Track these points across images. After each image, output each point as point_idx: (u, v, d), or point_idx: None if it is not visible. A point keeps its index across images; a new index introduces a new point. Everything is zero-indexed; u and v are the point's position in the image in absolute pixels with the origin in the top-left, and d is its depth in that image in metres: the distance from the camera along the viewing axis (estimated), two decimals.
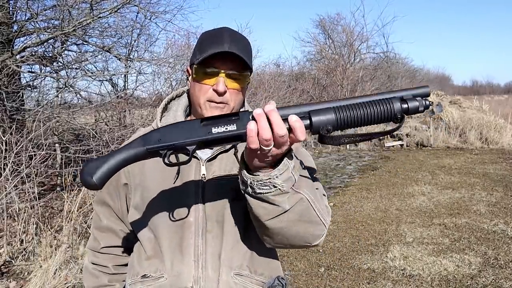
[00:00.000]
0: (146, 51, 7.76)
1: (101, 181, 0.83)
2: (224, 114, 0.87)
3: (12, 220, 4.02)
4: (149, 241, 1.10)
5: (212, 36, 1.04)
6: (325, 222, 0.99)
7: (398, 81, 21.65)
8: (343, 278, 3.58)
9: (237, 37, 1.04)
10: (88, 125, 5.97)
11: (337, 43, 17.97)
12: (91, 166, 0.83)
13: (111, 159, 0.84)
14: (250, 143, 0.79)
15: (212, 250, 1.06)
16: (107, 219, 1.22)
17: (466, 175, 7.45)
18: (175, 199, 1.07)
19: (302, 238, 0.97)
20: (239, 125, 0.82)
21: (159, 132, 0.85)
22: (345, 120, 0.81)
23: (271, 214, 0.90)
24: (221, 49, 0.99)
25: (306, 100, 13.32)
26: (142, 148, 0.84)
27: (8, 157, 4.07)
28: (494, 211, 5.28)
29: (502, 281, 3.42)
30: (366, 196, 6.25)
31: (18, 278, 3.46)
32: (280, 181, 0.84)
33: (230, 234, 1.06)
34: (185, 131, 0.84)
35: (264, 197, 0.87)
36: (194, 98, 1.07)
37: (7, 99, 4.88)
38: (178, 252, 1.06)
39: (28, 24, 5.52)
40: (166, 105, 1.18)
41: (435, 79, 36.85)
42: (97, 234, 1.24)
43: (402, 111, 0.83)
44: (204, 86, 1.04)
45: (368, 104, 0.83)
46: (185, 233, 1.06)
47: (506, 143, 10.85)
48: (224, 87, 1.02)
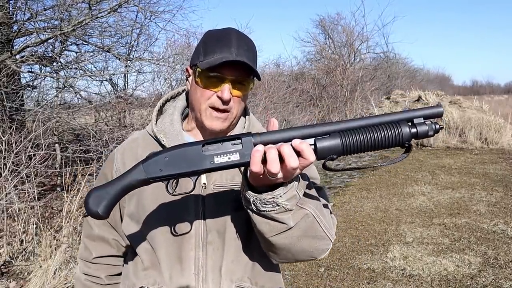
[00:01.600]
0: (146, 51, 7.76)
1: (106, 211, 0.85)
2: (224, 137, 0.83)
3: (12, 220, 4.02)
4: (146, 252, 1.06)
5: (219, 38, 0.99)
6: (331, 236, 0.97)
7: (398, 81, 21.64)
8: (343, 278, 3.58)
9: (244, 41, 1.00)
10: (88, 125, 5.97)
11: (337, 43, 17.97)
12: (94, 196, 0.85)
13: (112, 189, 0.85)
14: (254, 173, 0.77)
15: (212, 262, 1.02)
16: (98, 227, 1.16)
17: (466, 175, 7.44)
18: (174, 209, 1.03)
19: (308, 253, 0.95)
20: (242, 155, 0.80)
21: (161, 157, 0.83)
22: (351, 147, 0.78)
23: (275, 230, 0.88)
24: (229, 57, 0.94)
25: (306, 100, 13.32)
26: (144, 178, 0.84)
27: (7, 157, 4.07)
28: (494, 211, 5.28)
29: (502, 281, 3.42)
30: (366, 196, 6.25)
31: (18, 278, 3.46)
32: (284, 200, 0.82)
33: (231, 246, 1.03)
34: (187, 160, 0.82)
35: (267, 214, 0.85)
36: (195, 102, 1.02)
37: (7, 99, 4.87)
38: (177, 264, 1.02)
39: (27, 24, 5.52)
40: (161, 108, 1.14)
41: (435, 79, 36.85)
42: (88, 243, 1.19)
43: (411, 136, 0.79)
44: (207, 92, 0.99)
45: (374, 128, 0.79)
46: (185, 245, 1.02)
47: (506, 143, 10.84)
48: (229, 95, 0.97)
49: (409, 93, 16.99)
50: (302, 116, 11.63)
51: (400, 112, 0.81)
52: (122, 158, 1.10)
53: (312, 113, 12.56)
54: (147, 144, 1.09)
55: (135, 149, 1.10)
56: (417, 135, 0.79)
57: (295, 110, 11.88)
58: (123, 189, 0.85)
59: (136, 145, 1.11)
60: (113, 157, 1.13)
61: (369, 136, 0.78)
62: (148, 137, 1.11)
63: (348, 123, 0.80)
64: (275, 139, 0.79)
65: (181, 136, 1.06)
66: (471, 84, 65.74)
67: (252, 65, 0.97)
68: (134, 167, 0.85)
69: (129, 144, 1.13)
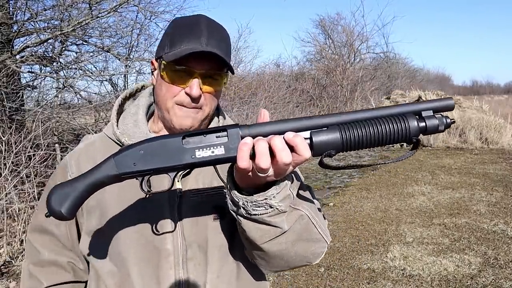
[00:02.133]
0: (146, 51, 7.76)
1: (70, 211, 0.74)
2: (209, 129, 0.73)
3: (12, 220, 4.02)
4: (112, 275, 0.91)
5: (187, 26, 0.86)
6: (326, 238, 0.89)
7: (398, 81, 21.65)
8: (343, 278, 3.58)
9: (216, 29, 0.88)
10: (88, 125, 5.97)
11: (337, 43, 17.98)
12: (58, 194, 0.74)
13: (79, 185, 0.74)
14: (241, 170, 0.68)
15: (195, 280, 0.90)
16: (49, 251, 0.97)
17: (466, 175, 7.44)
18: (147, 222, 0.89)
19: (302, 258, 0.87)
20: (228, 148, 0.70)
21: (136, 150, 0.73)
22: (351, 141, 0.69)
23: (268, 236, 0.78)
24: (198, 48, 0.82)
25: (306, 100, 13.32)
26: (115, 173, 0.73)
27: (7, 157, 4.07)
28: (494, 211, 5.28)
29: (502, 281, 3.41)
30: (366, 196, 6.25)
31: (18, 278, 3.46)
32: (277, 200, 0.73)
33: (215, 259, 0.91)
34: (164, 154, 0.72)
35: (259, 218, 0.75)
36: (160, 99, 0.89)
37: (7, 99, 4.87)
38: (154, 286, 0.89)
39: (27, 24, 5.52)
40: (119, 107, 1.00)
41: (435, 79, 36.88)
42: (36, 271, 0.98)
43: (419, 130, 0.69)
44: (173, 88, 0.86)
45: (378, 121, 0.70)
46: (162, 263, 0.89)
47: (506, 143, 10.84)
48: (198, 91, 0.85)
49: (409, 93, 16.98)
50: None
51: (407, 104, 0.71)
52: (77, 164, 0.95)
53: (312, 113, 12.56)
54: (108, 148, 0.93)
55: (92, 155, 0.95)
56: (426, 129, 0.70)
57: (295, 110, 11.88)
58: (92, 186, 0.74)
59: (94, 150, 0.97)
60: (65, 165, 0.97)
61: (372, 130, 0.69)
62: (107, 141, 0.97)
63: (349, 115, 0.71)
64: (265, 132, 0.70)
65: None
66: (471, 84, 65.84)
67: (224, 56, 0.85)
68: (104, 161, 0.74)
69: (85, 149, 0.99)
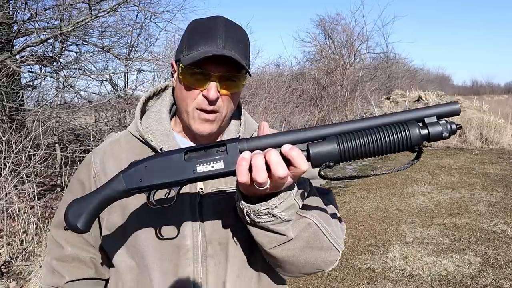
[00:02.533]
0: (146, 51, 7.76)
1: (86, 225, 0.78)
2: (209, 144, 0.75)
3: (12, 220, 4.02)
4: (130, 270, 0.92)
5: (204, 28, 0.86)
6: (338, 246, 0.87)
7: (398, 81, 21.65)
8: (343, 278, 3.58)
9: (233, 30, 0.87)
10: (88, 125, 5.97)
11: (337, 43, 17.96)
12: (74, 209, 0.79)
13: (93, 200, 0.79)
14: (241, 184, 0.69)
15: (215, 278, 0.90)
16: (72, 246, 0.99)
17: (466, 175, 7.44)
18: (167, 219, 0.90)
19: (314, 265, 0.86)
20: (227, 163, 0.72)
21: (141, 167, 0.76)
22: (349, 152, 0.68)
23: (275, 242, 0.79)
24: (214, 50, 0.82)
25: (306, 100, 13.32)
26: (124, 189, 0.77)
27: (7, 157, 4.07)
28: (494, 211, 5.28)
29: (502, 281, 3.41)
30: (366, 196, 6.25)
31: (18, 278, 3.46)
32: (280, 210, 0.73)
33: (235, 259, 0.91)
34: (168, 169, 0.75)
35: (264, 226, 0.76)
36: (181, 102, 0.91)
37: (7, 99, 4.87)
38: (172, 283, 0.89)
39: (27, 24, 5.52)
40: (143, 106, 1.01)
41: (435, 79, 36.86)
42: (59, 266, 0.99)
43: (421, 138, 0.67)
44: (191, 91, 0.87)
45: (377, 129, 0.68)
46: (181, 260, 0.89)
47: (506, 143, 10.84)
48: (216, 94, 0.85)
49: (409, 93, 17.00)
50: (302, 116, 11.63)
51: (409, 111, 0.69)
52: (102, 163, 0.97)
53: (312, 113, 12.55)
54: (132, 147, 0.96)
55: (117, 154, 0.96)
56: (429, 137, 0.67)
57: (295, 110, 11.88)
58: (103, 201, 0.79)
59: (119, 148, 0.98)
60: (89, 161, 0.99)
61: (371, 140, 0.67)
62: (132, 139, 0.98)
63: (347, 125, 0.70)
64: (263, 145, 0.70)
65: (171, 136, 0.94)
66: (471, 84, 65.78)
67: (241, 58, 0.84)
68: (114, 177, 0.79)
69: (110, 147, 0.99)
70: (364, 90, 15.80)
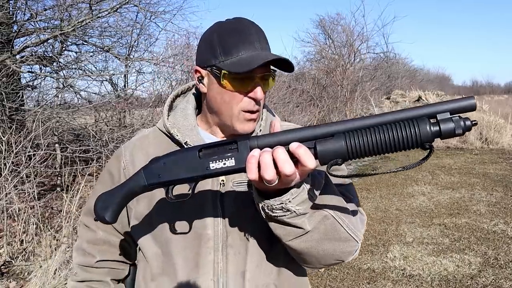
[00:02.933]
0: (146, 51, 7.77)
1: (113, 216, 0.85)
2: (222, 142, 0.78)
3: (12, 220, 4.02)
4: (156, 257, 0.97)
5: (235, 32, 0.89)
6: (356, 237, 0.88)
7: (398, 81, 21.66)
8: (343, 278, 3.58)
9: (261, 31, 0.92)
10: (88, 125, 5.97)
11: (337, 43, 17.96)
12: (102, 201, 0.86)
13: (118, 194, 0.85)
14: (251, 180, 0.71)
15: (234, 268, 0.92)
16: (104, 231, 1.07)
17: (466, 175, 7.44)
18: (189, 209, 0.94)
19: (333, 256, 0.87)
20: (238, 160, 0.74)
21: (159, 163, 0.81)
22: (357, 149, 0.67)
23: (292, 235, 0.81)
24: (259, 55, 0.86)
25: (306, 100, 13.32)
26: (144, 184, 0.82)
27: (7, 157, 4.07)
28: (494, 211, 5.28)
29: (502, 281, 3.41)
30: (366, 196, 6.25)
31: (18, 278, 3.46)
32: (294, 204, 0.75)
33: (255, 249, 0.94)
34: (183, 165, 0.78)
35: (280, 219, 0.78)
36: (222, 107, 0.92)
37: (7, 99, 4.87)
38: (194, 270, 0.93)
39: (27, 24, 5.52)
40: (171, 103, 1.06)
41: (435, 79, 36.89)
42: (90, 248, 1.07)
43: (432, 135, 0.64)
44: (237, 95, 0.89)
45: (386, 126, 0.66)
46: (202, 249, 0.93)
47: (506, 143, 10.84)
48: (262, 95, 0.89)
49: (409, 93, 17.02)
50: (302, 116, 11.63)
51: (421, 107, 0.66)
52: (131, 155, 1.02)
53: (312, 113, 12.56)
54: (159, 142, 1.01)
55: (146, 147, 1.02)
56: (441, 134, 0.64)
57: (295, 110, 11.87)
58: (127, 195, 0.85)
59: (147, 143, 1.03)
60: (120, 154, 1.05)
61: (378, 137, 0.65)
62: (159, 134, 1.03)
63: (355, 122, 0.69)
64: (273, 142, 0.72)
65: (196, 131, 0.98)
66: (471, 84, 65.81)
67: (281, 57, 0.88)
68: (136, 173, 0.84)
69: (139, 141, 1.05)
70: (364, 90, 15.80)
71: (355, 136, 0.67)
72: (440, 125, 0.64)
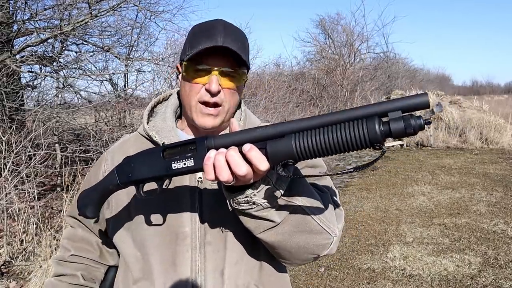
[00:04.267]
0: (146, 51, 7.76)
1: (93, 213, 0.90)
2: (183, 142, 0.79)
3: (12, 220, 4.02)
4: (136, 260, 0.96)
5: (204, 29, 0.92)
6: (329, 229, 0.87)
7: (398, 81, 21.66)
8: (343, 278, 3.58)
9: (232, 30, 0.92)
10: (88, 125, 5.97)
11: (337, 43, 17.97)
12: (82, 198, 0.91)
13: (95, 192, 0.89)
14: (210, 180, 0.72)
15: (213, 265, 0.92)
16: (82, 229, 1.09)
17: (466, 175, 7.44)
18: (166, 207, 0.94)
19: (306, 250, 0.87)
20: (197, 160, 0.74)
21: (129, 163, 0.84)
22: (305, 150, 0.65)
23: (262, 227, 0.81)
24: (214, 44, 0.87)
25: (306, 100, 13.32)
26: (117, 183, 0.86)
27: (7, 157, 4.07)
28: (494, 211, 5.28)
29: (502, 281, 3.41)
30: (366, 196, 6.25)
31: (18, 278, 3.46)
32: (259, 198, 0.75)
33: (234, 247, 0.93)
34: (149, 165, 0.81)
35: (247, 212, 0.78)
36: (185, 98, 0.96)
37: (7, 99, 4.87)
38: (171, 270, 0.92)
39: (27, 23, 5.52)
40: (152, 109, 1.07)
41: (435, 79, 36.88)
42: (68, 244, 1.09)
43: (381, 135, 0.61)
44: (195, 86, 0.92)
45: (335, 126, 0.64)
46: (179, 247, 0.92)
47: (506, 143, 10.84)
48: (217, 86, 0.90)
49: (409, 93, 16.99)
50: (302, 116, 11.63)
51: (373, 105, 0.64)
52: (112, 159, 1.04)
53: (312, 113, 12.56)
54: (139, 144, 1.03)
55: (126, 150, 1.02)
56: (390, 133, 0.61)
57: (295, 110, 11.88)
58: (103, 193, 0.88)
59: (128, 146, 1.05)
60: (102, 159, 1.08)
61: (327, 137, 0.63)
62: (140, 138, 1.05)
63: (308, 121, 0.67)
64: (227, 143, 0.72)
65: (174, 132, 1.00)
66: (471, 84, 65.74)
67: (240, 52, 0.89)
68: (111, 172, 0.87)
69: (120, 145, 1.08)
70: (364, 90, 15.80)
71: (304, 137, 0.65)
72: (390, 124, 0.61)
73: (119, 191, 0.94)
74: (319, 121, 0.66)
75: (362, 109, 0.64)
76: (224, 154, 0.69)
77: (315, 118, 0.67)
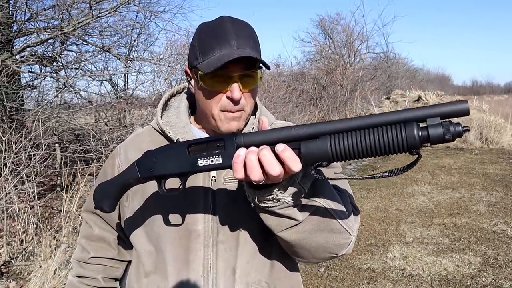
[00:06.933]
0: (146, 51, 7.76)
1: (110, 206, 0.89)
2: (209, 138, 0.78)
3: (12, 220, 4.02)
4: (149, 254, 0.97)
5: (214, 31, 0.89)
6: (349, 229, 0.87)
7: (398, 81, 21.66)
8: (343, 278, 3.58)
9: (241, 28, 0.90)
10: (88, 125, 5.97)
11: (337, 43, 17.98)
12: (99, 191, 0.90)
13: (113, 185, 0.88)
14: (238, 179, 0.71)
15: (224, 263, 0.92)
16: (99, 227, 1.09)
17: (466, 175, 7.44)
18: (180, 205, 0.94)
19: (325, 249, 0.86)
20: (225, 158, 0.73)
21: (151, 158, 0.82)
22: (341, 152, 0.65)
23: (284, 225, 0.81)
24: (232, 53, 0.84)
25: (306, 100, 13.32)
26: (137, 177, 0.84)
27: (7, 157, 4.07)
28: (494, 211, 5.28)
29: (502, 281, 3.41)
30: (366, 196, 6.25)
31: (18, 278, 3.46)
32: (284, 195, 0.74)
33: (246, 245, 0.93)
34: (174, 160, 0.79)
35: (270, 210, 0.77)
36: (203, 105, 0.92)
37: (7, 99, 4.87)
38: (184, 266, 0.92)
39: (27, 24, 5.52)
40: (166, 102, 1.06)
41: (435, 79, 36.89)
42: (86, 244, 1.11)
43: (419, 140, 0.61)
44: (214, 94, 0.89)
45: (373, 129, 0.63)
46: (192, 244, 0.93)
47: (506, 143, 10.84)
48: (239, 94, 0.87)
49: (409, 93, 17.02)
50: (302, 116, 11.63)
51: (411, 110, 0.63)
52: (125, 153, 1.05)
53: (312, 113, 12.55)
54: (152, 138, 1.02)
55: (138, 144, 1.03)
56: (429, 139, 0.61)
57: (295, 110, 11.87)
58: (122, 186, 0.87)
59: (140, 140, 1.05)
60: (115, 153, 1.08)
61: (364, 140, 0.63)
62: (153, 132, 1.04)
63: (343, 122, 0.66)
64: (258, 141, 0.70)
65: (188, 128, 0.99)
66: (471, 84, 65.74)
67: (257, 54, 0.87)
68: (131, 165, 0.86)
69: (133, 139, 1.08)
70: (364, 90, 15.81)
71: (340, 139, 0.65)
72: (429, 130, 0.61)
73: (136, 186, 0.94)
74: (354, 123, 0.65)
75: (399, 113, 0.64)
76: (255, 153, 0.68)
77: (351, 120, 0.66)
